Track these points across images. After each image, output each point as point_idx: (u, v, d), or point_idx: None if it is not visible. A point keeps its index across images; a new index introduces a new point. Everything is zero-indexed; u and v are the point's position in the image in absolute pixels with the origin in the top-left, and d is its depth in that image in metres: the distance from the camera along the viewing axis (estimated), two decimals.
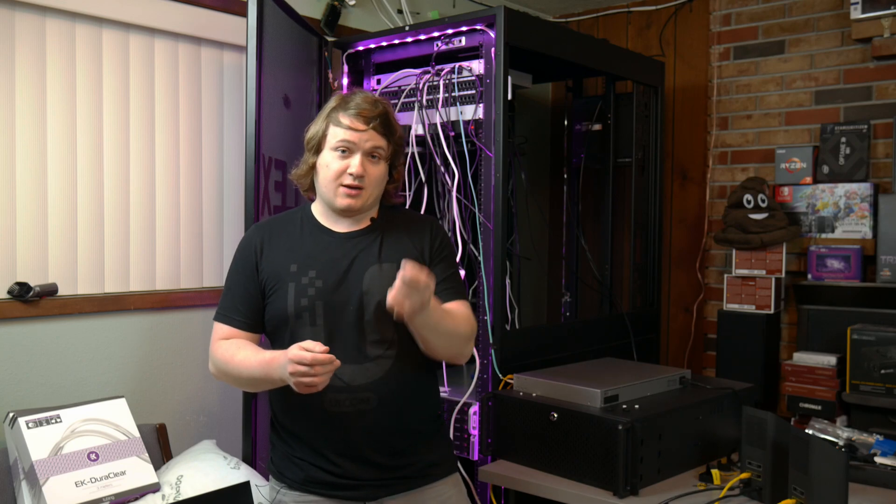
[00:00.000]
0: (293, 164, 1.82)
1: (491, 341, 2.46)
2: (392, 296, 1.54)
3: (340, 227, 1.80)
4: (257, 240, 1.81)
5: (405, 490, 1.77)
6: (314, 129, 1.79)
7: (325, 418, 1.71)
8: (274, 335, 1.80)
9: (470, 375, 2.53)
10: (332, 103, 1.79)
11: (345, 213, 1.78)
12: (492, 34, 2.48)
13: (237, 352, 1.73)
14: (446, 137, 2.56)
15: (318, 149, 1.77)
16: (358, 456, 1.73)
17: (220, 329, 1.80)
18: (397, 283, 1.53)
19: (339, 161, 1.73)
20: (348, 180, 1.72)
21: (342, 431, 1.71)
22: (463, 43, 2.58)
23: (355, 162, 1.72)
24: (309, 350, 1.53)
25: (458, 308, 1.79)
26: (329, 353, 1.53)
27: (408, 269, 1.51)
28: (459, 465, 1.98)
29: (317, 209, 1.84)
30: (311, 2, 2.92)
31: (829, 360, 2.84)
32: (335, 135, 1.74)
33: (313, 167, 1.79)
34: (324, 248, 1.77)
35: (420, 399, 1.81)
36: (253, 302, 1.78)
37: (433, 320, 1.65)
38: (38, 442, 1.96)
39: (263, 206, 2.38)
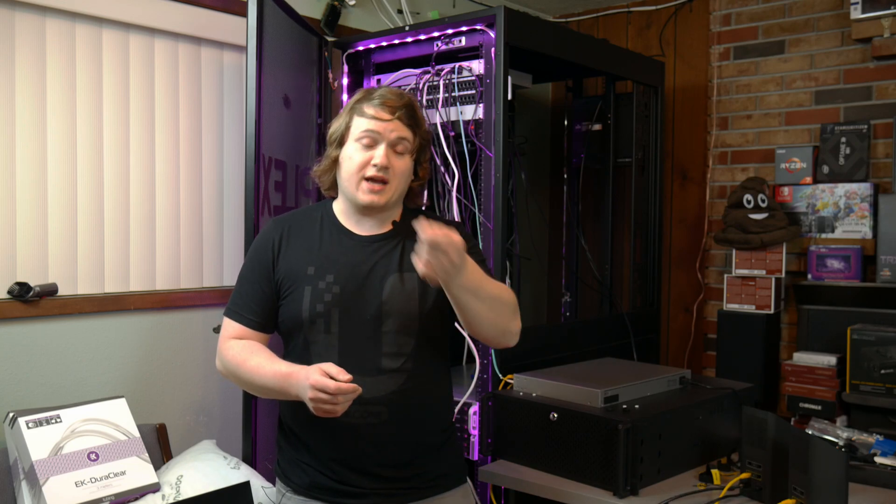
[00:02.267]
0: (293, 165, 1.79)
1: None
2: (421, 263, 1.46)
3: (362, 229, 1.73)
4: (276, 236, 1.74)
5: (413, 500, 1.73)
6: (337, 123, 1.72)
7: (334, 429, 1.67)
8: (287, 337, 1.75)
9: (470, 375, 2.53)
10: (356, 97, 1.72)
11: (367, 209, 1.70)
12: (492, 34, 2.48)
13: (250, 357, 1.66)
14: (446, 137, 2.56)
15: (340, 142, 1.70)
16: (365, 467, 1.69)
17: (231, 326, 1.73)
18: (421, 246, 1.44)
19: (362, 153, 1.66)
20: (372, 172, 1.65)
21: (350, 443, 1.67)
22: (463, 43, 2.58)
23: (379, 153, 1.64)
24: (333, 377, 1.48)
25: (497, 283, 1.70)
26: (351, 379, 1.49)
27: (427, 232, 1.42)
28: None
29: (338, 208, 1.77)
30: (311, 2, 2.92)
31: (829, 360, 2.84)
32: (359, 125, 1.67)
33: (336, 161, 1.71)
34: (343, 252, 1.71)
35: (432, 413, 1.76)
36: (267, 302, 1.72)
37: (473, 283, 1.55)
38: (38, 442, 1.96)
39: (263, 206, 2.38)
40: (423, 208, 1.89)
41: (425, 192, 1.87)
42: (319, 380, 1.48)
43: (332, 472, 1.71)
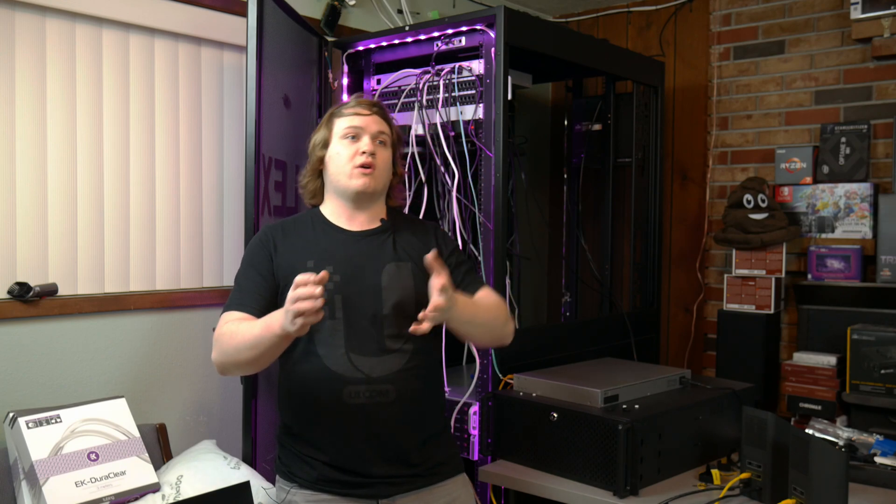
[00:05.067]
0: (293, 165, 1.83)
1: None
2: (431, 311, 1.56)
3: (353, 226, 1.84)
4: (271, 237, 1.83)
5: (416, 488, 1.79)
6: (317, 134, 1.86)
7: (343, 411, 1.72)
8: None
9: (470, 375, 2.53)
10: (329, 110, 1.88)
11: (359, 197, 1.80)
12: (492, 34, 2.48)
13: (240, 325, 1.69)
14: (446, 137, 2.56)
15: (325, 144, 1.83)
16: (373, 452, 1.73)
17: (230, 317, 1.74)
18: (435, 298, 1.55)
19: (349, 146, 1.79)
20: (361, 159, 1.77)
21: (359, 424, 1.72)
22: (463, 43, 2.58)
23: (365, 141, 1.79)
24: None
25: (485, 294, 1.86)
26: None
27: (437, 282, 1.55)
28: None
29: (327, 210, 1.87)
30: (311, 2, 2.92)
31: (829, 360, 2.84)
32: (341, 124, 1.81)
33: (321, 161, 1.84)
34: (339, 246, 1.81)
35: (433, 394, 1.86)
36: (266, 295, 1.77)
37: (468, 315, 1.71)
38: (38, 442, 1.96)
39: (263, 206, 2.38)
40: (406, 210, 1.98)
41: (405, 191, 2.03)
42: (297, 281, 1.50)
43: (339, 462, 1.74)
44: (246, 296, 1.76)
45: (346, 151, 1.79)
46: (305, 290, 1.47)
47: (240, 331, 1.68)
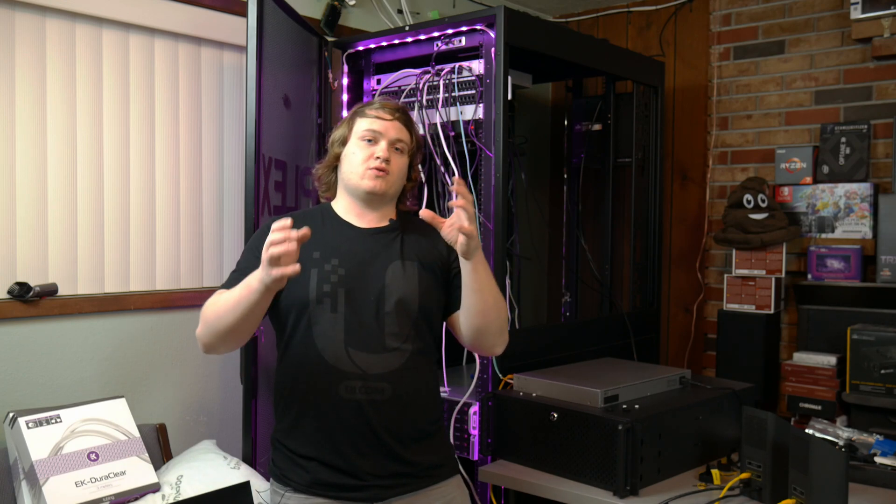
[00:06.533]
0: (293, 165, 1.82)
1: None
2: (453, 223, 1.60)
3: (362, 223, 1.84)
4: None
5: (411, 490, 1.77)
6: (339, 129, 1.87)
7: (339, 405, 1.71)
8: (286, 320, 1.77)
9: (470, 375, 2.53)
10: (356, 106, 1.89)
11: (369, 197, 1.80)
12: (492, 34, 2.48)
13: (221, 295, 1.70)
14: (446, 137, 2.56)
15: (343, 142, 1.84)
16: (367, 448, 1.73)
17: (218, 293, 1.74)
18: (456, 212, 1.59)
19: (365, 149, 1.80)
20: (375, 163, 1.77)
21: (353, 420, 1.72)
22: (463, 43, 2.58)
23: (381, 146, 1.78)
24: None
25: None
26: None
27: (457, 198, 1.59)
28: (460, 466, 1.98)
29: (338, 206, 1.87)
30: (311, 2, 2.92)
31: (829, 360, 2.84)
32: (361, 125, 1.82)
33: (337, 158, 1.85)
34: (346, 241, 1.81)
35: (428, 396, 1.84)
36: None
37: (484, 279, 1.70)
38: (38, 442, 1.96)
39: (263, 206, 2.38)
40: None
41: (415, 193, 1.98)
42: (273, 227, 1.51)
43: (332, 460, 1.73)
44: (243, 277, 1.69)
45: (362, 153, 1.79)
46: (280, 234, 1.49)
47: (220, 300, 1.69)
